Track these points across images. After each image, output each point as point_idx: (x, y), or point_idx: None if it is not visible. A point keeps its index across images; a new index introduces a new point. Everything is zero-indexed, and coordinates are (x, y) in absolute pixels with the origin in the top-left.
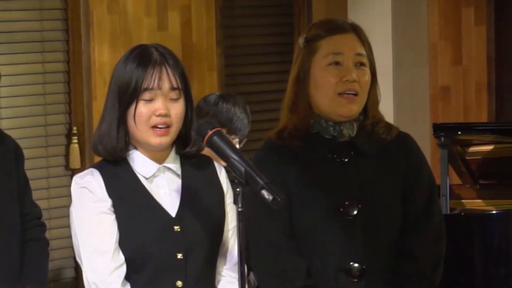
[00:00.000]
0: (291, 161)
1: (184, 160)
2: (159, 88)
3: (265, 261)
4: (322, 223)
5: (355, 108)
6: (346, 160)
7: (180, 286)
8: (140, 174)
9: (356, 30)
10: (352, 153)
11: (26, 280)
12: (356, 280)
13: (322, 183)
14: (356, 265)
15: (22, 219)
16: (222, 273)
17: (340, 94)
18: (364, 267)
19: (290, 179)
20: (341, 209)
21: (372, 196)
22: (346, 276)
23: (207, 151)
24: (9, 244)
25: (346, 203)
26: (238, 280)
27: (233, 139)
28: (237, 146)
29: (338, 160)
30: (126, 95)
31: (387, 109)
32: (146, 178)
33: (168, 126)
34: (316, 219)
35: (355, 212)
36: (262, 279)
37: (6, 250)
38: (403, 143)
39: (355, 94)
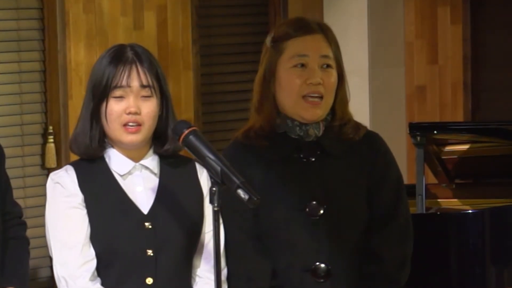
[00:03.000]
0: (257, 161)
1: (163, 159)
2: (128, 85)
3: (230, 263)
4: (287, 223)
5: (319, 112)
6: (312, 160)
7: (150, 283)
8: (115, 171)
9: (324, 30)
10: (318, 152)
11: (8, 279)
12: (321, 280)
13: (288, 183)
14: (321, 265)
15: (3, 217)
16: (200, 274)
17: (304, 96)
18: (329, 267)
19: (256, 179)
20: (307, 209)
21: (337, 196)
22: (311, 276)
23: None
24: None
25: (311, 203)
26: (214, 280)
27: None
28: None
29: (305, 160)
30: (98, 93)
31: (363, 109)
32: (121, 176)
33: (139, 124)
34: (281, 219)
35: (321, 212)
36: (228, 280)
37: None
38: (370, 142)
39: (320, 98)
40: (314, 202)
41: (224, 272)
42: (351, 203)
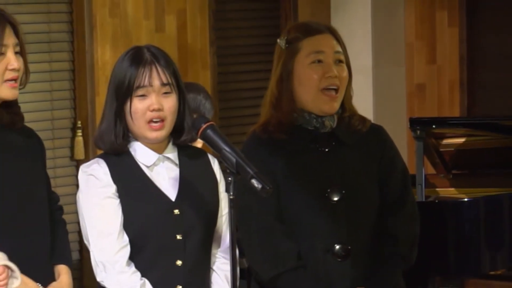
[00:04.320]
0: (278, 152)
1: (181, 151)
2: (150, 85)
3: (258, 244)
4: (308, 208)
5: (336, 105)
6: (327, 149)
7: (180, 265)
8: (141, 163)
9: (331, 31)
10: (333, 143)
11: (58, 257)
12: (342, 260)
13: (307, 171)
14: (342, 246)
15: (48, 202)
16: (217, 255)
17: (323, 90)
18: (349, 247)
19: (278, 169)
20: (326, 195)
21: (353, 182)
22: (332, 256)
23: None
24: (42, 225)
25: (330, 189)
26: (230, 262)
27: None
28: None
29: (320, 149)
30: (121, 93)
31: (367, 105)
32: (147, 167)
33: (162, 120)
34: (303, 205)
35: (339, 197)
36: (256, 261)
37: (41, 229)
38: (377, 134)
39: (336, 91)
40: (332, 188)
41: (236, 253)
42: (366, 188)
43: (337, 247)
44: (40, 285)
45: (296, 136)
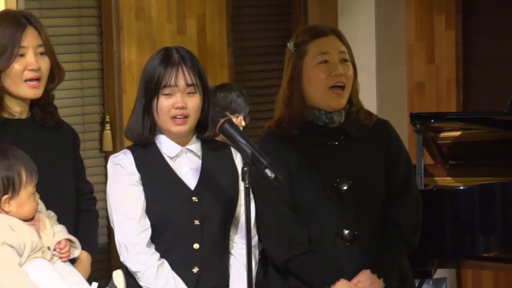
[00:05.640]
0: (291, 146)
1: (205, 144)
2: (176, 85)
3: (273, 230)
4: (319, 196)
5: (343, 101)
6: (336, 143)
7: (197, 248)
8: (165, 154)
9: (336, 32)
10: (342, 137)
11: (81, 244)
12: (350, 244)
13: (318, 163)
14: (350, 231)
15: (77, 193)
16: (236, 241)
17: (330, 87)
18: (356, 232)
19: (291, 161)
20: (335, 185)
21: (360, 173)
22: (341, 240)
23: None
24: (66, 214)
25: (339, 179)
26: (246, 246)
27: (237, 117)
28: (243, 123)
29: (330, 143)
30: (150, 90)
31: (371, 102)
32: (171, 158)
33: (186, 117)
34: (314, 194)
35: (347, 187)
36: (270, 245)
37: (64, 219)
38: (383, 128)
39: (343, 88)
40: (341, 179)
41: (255, 240)
42: (372, 179)
43: (346, 232)
44: None
45: (307, 131)
